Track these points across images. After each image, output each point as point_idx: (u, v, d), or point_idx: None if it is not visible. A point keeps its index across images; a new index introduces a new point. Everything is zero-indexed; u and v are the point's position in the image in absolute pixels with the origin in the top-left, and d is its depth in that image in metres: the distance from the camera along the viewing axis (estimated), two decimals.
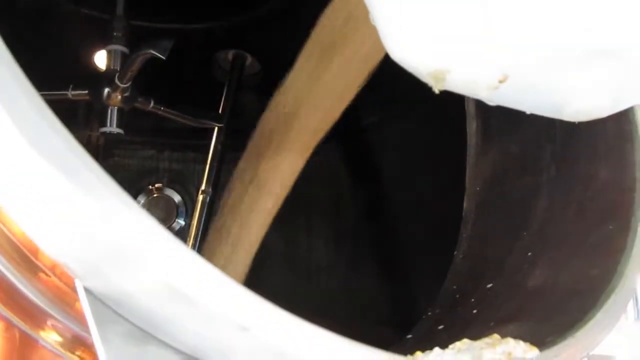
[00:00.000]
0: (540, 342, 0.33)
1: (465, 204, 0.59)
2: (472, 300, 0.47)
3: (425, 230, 0.93)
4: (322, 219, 1.11)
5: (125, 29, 0.82)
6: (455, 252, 0.56)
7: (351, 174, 1.10)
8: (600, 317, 0.34)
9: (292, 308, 0.89)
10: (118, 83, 0.76)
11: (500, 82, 0.27)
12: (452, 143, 0.66)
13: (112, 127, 0.78)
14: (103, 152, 1.13)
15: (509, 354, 0.29)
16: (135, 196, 1.13)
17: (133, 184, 1.14)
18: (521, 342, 0.30)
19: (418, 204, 0.96)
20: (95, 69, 0.91)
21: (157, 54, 0.68)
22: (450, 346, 0.31)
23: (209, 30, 1.08)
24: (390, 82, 1.07)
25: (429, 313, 0.50)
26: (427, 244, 0.94)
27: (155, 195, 1.13)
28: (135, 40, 0.85)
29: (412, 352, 0.37)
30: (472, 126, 0.61)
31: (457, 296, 0.50)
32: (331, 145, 1.14)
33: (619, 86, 0.31)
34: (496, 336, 0.31)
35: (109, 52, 0.81)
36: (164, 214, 1.12)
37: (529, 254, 0.48)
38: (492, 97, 0.29)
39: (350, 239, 1.07)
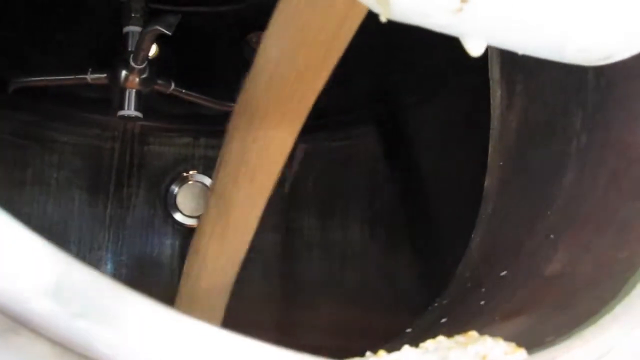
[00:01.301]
0: (538, 341, 0.26)
1: (486, 181, 0.51)
2: (483, 290, 0.40)
3: (463, 214, 0.85)
4: (358, 203, 1.05)
5: (144, 10, 0.79)
6: (472, 235, 0.49)
7: (387, 157, 1.03)
8: (619, 311, 0.27)
9: (327, 294, 0.84)
10: (133, 64, 0.73)
11: (463, 1, 0.20)
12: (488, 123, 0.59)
13: (130, 110, 0.75)
14: (138, 140, 1.11)
15: (484, 356, 0.22)
16: (169, 184, 1.10)
17: (168, 171, 1.11)
18: (501, 342, 0.23)
19: (455, 186, 0.88)
20: (113, 51, 0.88)
21: (163, 30, 0.64)
22: (421, 345, 0.25)
23: (239, 12, 1.04)
24: (425, 61, 1.00)
25: (436, 304, 0.43)
26: (466, 227, 0.86)
27: (189, 182, 1.10)
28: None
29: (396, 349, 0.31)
30: (496, 94, 0.53)
31: (469, 285, 0.43)
32: (368, 128, 1.07)
33: (635, 14, 0.23)
34: (473, 334, 0.24)
35: (126, 35, 0.78)
36: (198, 201, 1.09)
37: (551, 236, 0.40)
38: (460, 28, 0.22)
39: (386, 223, 1.00)
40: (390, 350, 0.30)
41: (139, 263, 1.08)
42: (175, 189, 1.10)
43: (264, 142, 0.47)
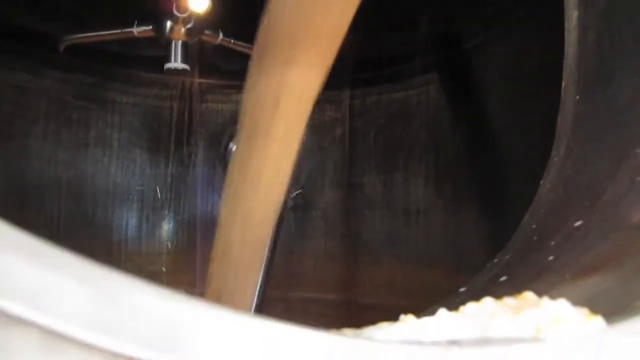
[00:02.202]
0: (621, 306, 0.19)
1: (559, 119, 0.43)
2: (552, 243, 0.33)
3: (533, 166, 0.76)
4: (421, 158, 0.97)
5: None
6: (541, 181, 0.41)
7: (452, 108, 0.95)
8: None
9: (391, 253, 0.78)
10: (177, 14, 0.68)
11: None
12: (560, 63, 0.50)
13: (177, 62, 0.71)
14: (197, 98, 1.08)
15: (538, 328, 0.16)
16: (227, 142, 1.07)
17: (227, 129, 1.08)
18: (567, 306, 0.17)
19: (525, 136, 0.79)
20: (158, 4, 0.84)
21: None
22: (461, 308, 0.19)
23: None
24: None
25: (496, 260, 0.36)
26: (535, 180, 0.77)
27: None
28: None
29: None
30: (571, 15, 0.44)
31: (535, 238, 0.36)
32: (431, 76, 0.98)
33: None
34: (528, 296, 0.18)
35: None
36: None
37: (638, 178, 0.32)
38: None
39: (451, 178, 0.92)
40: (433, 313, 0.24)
41: (200, 221, 1.06)
42: (234, 147, 1.06)
43: (289, 85, 0.41)
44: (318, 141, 1.07)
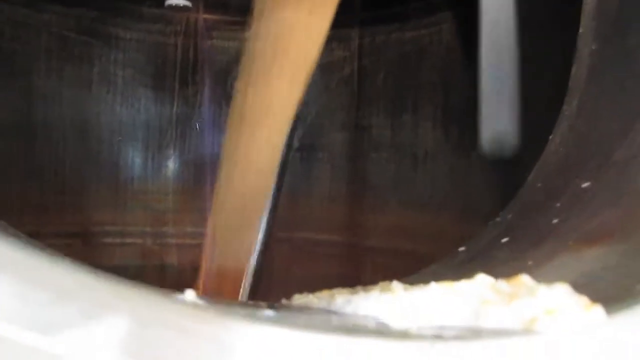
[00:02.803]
0: (628, 288, 0.18)
1: (573, 69, 0.41)
2: (557, 204, 0.32)
3: (544, 113, 0.74)
4: (431, 100, 0.95)
5: None
6: (550, 136, 0.39)
7: (463, 48, 0.91)
8: None
9: (397, 197, 0.77)
10: None
11: None
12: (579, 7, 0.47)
13: None
14: (202, 34, 1.05)
15: (533, 319, 0.15)
16: (234, 81, 1.04)
17: (233, 67, 1.05)
18: (564, 294, 0.15)
19: (539, 81, 0.76)
20: None
21: None
22: (455, 285, 0.18)
23: None
24: None
25: (498, 219, 0.35)
26: (548, 131, 0.74)
27: None
28: None
29: (453, 277, 0.24)
30: None
31: (540, 198, 0.34)
32: (444, 15, 0.94)
33: None
34: (522, 280, 0.17)
35: None
36: None
37: None
38: None
39: (460, 122, 0.90)
40: (424, 280, 0.24)
41: (205, 162, 1.05)
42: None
43: (295, 26, 0.39)
44: (325, 81, 1.04)
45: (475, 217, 0.87)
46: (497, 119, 0.61)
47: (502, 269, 0.27)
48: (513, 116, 0.63)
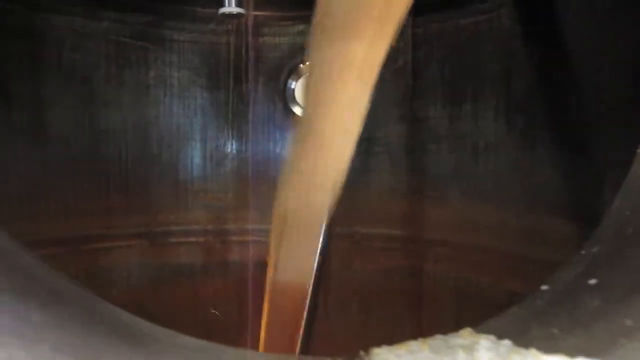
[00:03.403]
0: None
1: None
2: None
3: (619, 100, 0.69)
4: (491, 87, 0.91)
5: None
6: (638, 149, 0.36)
7: (525, 34, 0.86)
8: None
9: (458, 189, 0.75)
10: None
11: None
12: None
13: (231, 6, 0.67)
14: (252, 32, 1.04)
15: None
16: (286, 77, 1.03)
17: (285, 63, 1.04)
18: None
19: (610, 66, 0.71)
20: None
21: None
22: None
23: None
24: None
25: (583, 252, 0.33)
26: (621, 116, 0.70)
27: (307, 74, 1.02)
28: None
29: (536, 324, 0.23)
30: None
31: (630, 230, 0.31)
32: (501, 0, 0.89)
33: None
34: None
35: None
36: None
37: None
38: None
39: (523, 112, 0.86)
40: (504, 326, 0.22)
41: (263, 159, 1.05)
42: (292, 82, 1.03)
43: (354, 52, 0.37)
44: (379, 73, 1.01)
45: (541, 209, 0.83)
46: None
47: (595, 327, 0.24)
48: None
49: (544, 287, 0.31)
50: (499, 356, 0.18)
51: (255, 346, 1.02)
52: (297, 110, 1.02)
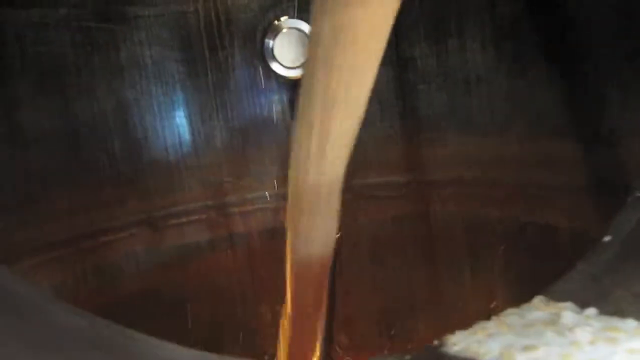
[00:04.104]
0: None
1: None
2: None
3: (615, 14, 0.67)
4: (476, 17, 0.87)
5: None
6: None
7: None
8: None
9: (454, 126, 0.73)
10: None
11: None
12: None
13: None
14: None
15: None
16: (262, 37, 0.99)
17: (258, 22, 0.99)
18: None
19: None
20: None
21: None
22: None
23: None
24: None
25: (638, 194, 0.31)
26: (619, 33, 0.67)
27: (284, 30, 0.98)
28: None
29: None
30: None
31: None
32: None
33: None
34: None
35: None
36: (297, 49, 0.97)
37: None
38: None
39: (513, 39, 0.83)
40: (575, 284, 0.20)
41: (251, 125, 1.02)
42: (270, 41, 0.98)
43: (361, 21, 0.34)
44: None
45: (542, 135, 0.82)
46: None
47: None
48: None
49: (607, 238, 0.30)
50: (594, 333, 0.16)
51: (273, 313, 1.01)
52: (279, 68, 0.99)
